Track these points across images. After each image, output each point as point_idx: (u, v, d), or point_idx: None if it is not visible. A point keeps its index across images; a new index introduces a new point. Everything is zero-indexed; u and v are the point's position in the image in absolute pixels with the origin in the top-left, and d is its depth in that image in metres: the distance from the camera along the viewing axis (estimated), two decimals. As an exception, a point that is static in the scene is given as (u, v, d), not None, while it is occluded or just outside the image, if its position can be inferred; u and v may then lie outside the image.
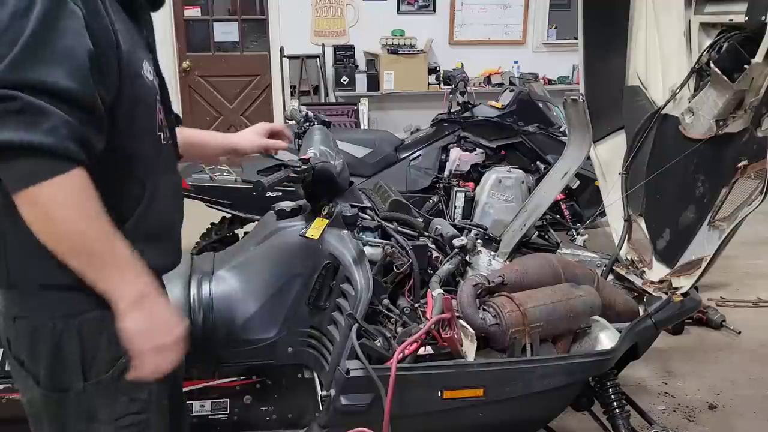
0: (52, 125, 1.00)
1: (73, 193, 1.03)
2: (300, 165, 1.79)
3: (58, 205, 1.02)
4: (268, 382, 1.91)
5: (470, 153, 4.10)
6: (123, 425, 1.25)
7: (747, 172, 1.87)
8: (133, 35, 1.21)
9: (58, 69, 1.01)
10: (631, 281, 2.25)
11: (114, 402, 1.24)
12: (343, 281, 1.78)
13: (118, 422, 1.25)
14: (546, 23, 7.22)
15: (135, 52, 1.18)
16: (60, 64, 1.02)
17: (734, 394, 2.96)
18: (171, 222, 1.36)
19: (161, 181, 1.29)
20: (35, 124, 0.99)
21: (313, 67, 6.64)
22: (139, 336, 1.14)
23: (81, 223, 1.05)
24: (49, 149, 1.00)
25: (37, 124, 0.99)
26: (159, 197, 1.27)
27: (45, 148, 1.00)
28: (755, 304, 3.89)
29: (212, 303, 1.80)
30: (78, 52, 1.04)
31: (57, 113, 1.01)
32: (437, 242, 2.04)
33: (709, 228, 1.98)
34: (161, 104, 1.30)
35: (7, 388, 1.72)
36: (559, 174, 2.73)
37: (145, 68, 1.21)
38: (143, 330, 1.13)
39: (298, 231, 1.84)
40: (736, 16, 1.85)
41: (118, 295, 1.11)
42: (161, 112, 1.29)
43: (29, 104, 0.99)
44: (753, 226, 1.98)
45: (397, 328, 1.72)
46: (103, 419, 1.24)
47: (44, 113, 1.00)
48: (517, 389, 1.68)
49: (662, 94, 2.16)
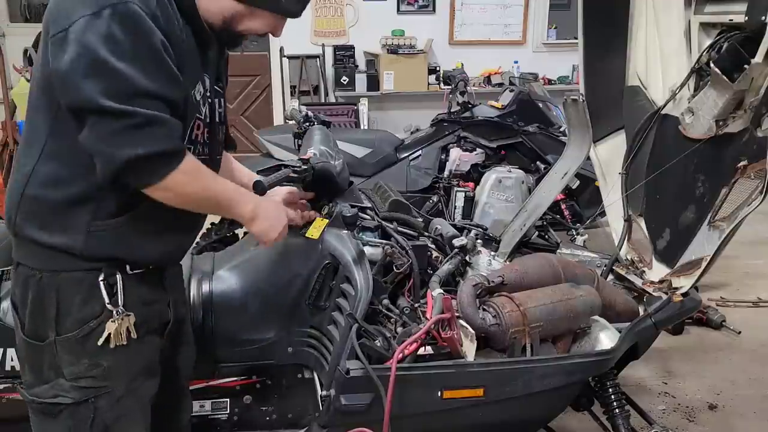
0: (168, 131, 1.23)
1: (192, 172, 1.30)
2: (300, 165, 1.79)
3: (184, 185, 1.29)
4: (268, 382, 1.91)
5: (470, 153, 4.10)
6: (81, 386, 1.36)
7: (747, 172, 1.87)
8: (193, 59, 1.35)
9: (163, 79, 1.22)
10: (631, 281, 2.25)
11: (77, 361, 1.35)
12: (343, 281, 1.78)
13: (78, 382, 1.35)
14: (546, 23, 7.22)
15: (189, 74, 1.32)
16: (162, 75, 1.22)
17: (734, 394, 2.95)
18: (175, 224, 1.42)
19: None
20: (156, 135, 1.21)
21: (313, 67, 6.64)
22: (263, 233, 1.50)
23: (205, 191, 1.35)
24: (169, 151, 1.24)
25: (157, 135, 1.21)
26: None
27: (167, 151, 1.23)
28: (755, 304, 3.89)
29: (212, 303, 1.80)
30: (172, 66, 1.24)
31: (170, 120, 1.23)
32: (437, 242, 2.04)
33: (709, 228, 1.98)
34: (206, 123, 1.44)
35: (7, 388, 1.72)
36: (559, 174, 2.73)
37: (197, 89, 1.37)
38: (264, 228, 1.50)
39: (297, 231, 1.84)
40: (736, 16, 1.85)
41: (243, 215, 1.46)
42: (202, 129, 1.43)
43: (147, 117, 1.19)
44: (753, 226, 1.98)
45: (397, 328, 1.72)
46: (66, 375, 1.35)
47: (161, 122, 1.22)
48: (517, 389, 1.68)
49: (662, 94, 2.16)
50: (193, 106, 1.36)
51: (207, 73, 1.41)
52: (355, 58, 6.78)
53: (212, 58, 1.43)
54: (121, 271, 1.36)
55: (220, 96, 1.50)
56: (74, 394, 1.35)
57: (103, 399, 1.37)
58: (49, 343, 1.33)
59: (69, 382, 1.35)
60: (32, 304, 1.33)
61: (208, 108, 1.43)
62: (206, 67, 1.41)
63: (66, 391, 1.35)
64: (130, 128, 1.18)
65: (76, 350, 1.33)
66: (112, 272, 1.34)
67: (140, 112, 1.17)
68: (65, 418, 1.36)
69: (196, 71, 1.36)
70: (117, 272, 1.35)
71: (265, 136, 4.16)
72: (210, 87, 1.43)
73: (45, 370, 1.35)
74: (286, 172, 1.77)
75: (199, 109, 1.38)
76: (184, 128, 1.34)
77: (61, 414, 1.36)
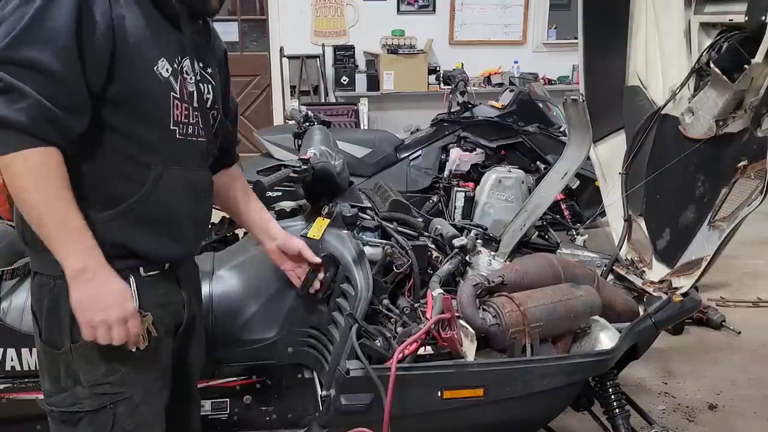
0: (26, 105, 1.13)
1: (34, 166, 1.16)
2: (300, 165, 1.80)
3: (18, 174, 1.16)
4: (268, 382, 1.91)
5: (470, 153, 4.10)
6: (99, 393, 1.34)
7: (747, 172, 1.87)
8: (159, 35, 1.30)
9: (46, 49, 1.14)
10: (631, 281, 2.25)
11: (93, 368, 1.33)
12: (343, 281, 1.78)
13: (95, 389, 1.33)
14: (546, 23, 7.23)
15: (148, 48, 1.27)
16: (48, 44, 1.14)
17: (734, 394, 2.95)
18: (173, 213, 1.38)
19: (169, 171, 1.35)
20: (11, 102, 1.12)
21: (313, 67, 6.65)
22: (80, 306, 1.24)
23: (36, 194, 1.17)
24: (18, 126, 1.13)
25: (13, 102, 1.12)
26: (164, 186, 1.33)
27: (14, 124, 1.13)
28: (755, 304, 3.89)
29: (212, 303, 1.80)
30: (67, 33, 1.16)
31: (33, 95, 1.13)
32: (437, 242, 2.04)
33: (709, 228, 1.98)
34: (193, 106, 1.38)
35: (7, 388, 1.73)
36: (559, 174, 2.73)
37: (161, 65, 1.30)
38: (84, 301, 1.24)
39: (298, 231, 1.83)
40: (736, 16, 1.84)
41: (64, 264, 1.22)
42: (181, 108, 1.35)
43: (10, 84, 1.12)
44: (753, 226, 1.98)
45: (397, 328, 1.72)
46: (83, 382, 1.33)
47: (22, 94, 1.13)
48: (517, 389, 1.68)
49: (662, 94, 2.16)
50: (161, 84, 1.30)
51: (188, 54, 1.37)
52: (355, 58, 6.79)
53: (188, 38, 1.37)
54: (134, 274, 1.34)
55: (207, 82, 1.44)
56: (92, 402, 1.33)
57: (121, 405, 1.35)
58: (65, 351, 1.32)
59: (86, 390, 1.33)
60: (47, 311, 1.32)
61: (196, 91, 1.39)
62: (185, 48, 1.36)
63: (84, 399, 1.33)
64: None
65: (92, 356, 1.31)
66: (124, 276, 1.31)
67: (4, 78, 1.12)
68: (85, 426, 1.34)
69: (157, 48, 1.30)
70: (130, 275, 1.33)
71: (265, 136, 4.16)
72: (197, 70, 1.39)
73: (62, 378, 1.34)
74: (286, 172, 1.77)
75: (171, 86, 1.32)
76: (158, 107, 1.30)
77: (81, 422, 1.34)
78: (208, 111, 1.45)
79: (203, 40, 1.47)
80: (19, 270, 1.79)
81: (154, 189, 1.31)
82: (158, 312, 1.37)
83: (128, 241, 1.31)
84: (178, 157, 1.37)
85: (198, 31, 1.44)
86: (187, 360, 1.57)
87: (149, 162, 1.31)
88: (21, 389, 1.73)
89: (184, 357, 1.55)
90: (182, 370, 1.54)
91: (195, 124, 1.40)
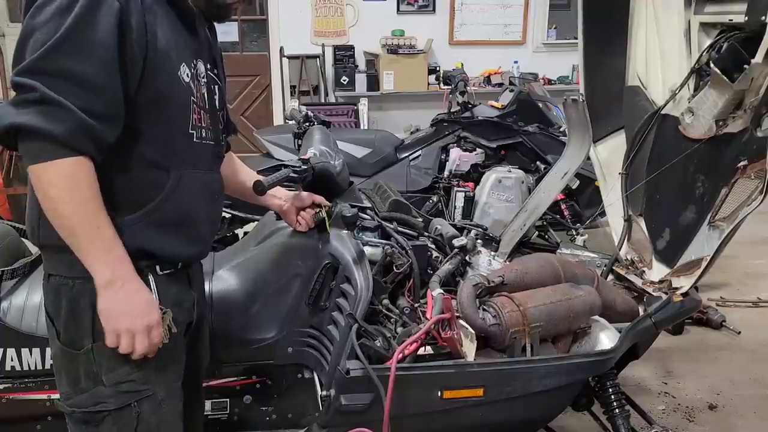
0: (62, 117, 1.14)
1: (66, 176, 1.17)
2: (300, 165, 1.80)
3: (51, 184, 1.17)
4: (268, 382, 1.91)
5: (470, 153, 4.10)
6: (122, 391, 1.33)
7: (747, 172, 1.87)
8: (180, 40, 1.32)
9: (86, 60, 1.15)
10: (631, 281, 2.25)
11: (116, 366, 1.32)
12: (343, 281, 1.78)
13: (119, 387, 1.33)
14: (546, 23, 7.22)
15: (173, 53, 1.29)
16: (89, 56, 1.16)
17: (734, 394, 2.96)
18: (191, 215, 1.40)
19: (188, 175, 1.37)
20: (47, 114, 1.13)
21: (313, 67, 6.64)
22: (108, 314, 1.25)
23: (68, 205, 1.18)
24: (54, 137, 1.14)
25: (48, 114, 1.13)
26: (183, 189, 1.35)
27: (49, 135, 1.14)
28: (755, 304, 3.89)
29: (212, 303, 1.80)
30: (108, 45, 1.17)
31: (70, 107, 1.14)
32: (437, 242, 2.04)
33: (709, 228, 1.98)
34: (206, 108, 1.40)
35: (7, 388, 1.73)
36: (559, 174, 2.73)
37: (182, 71, 1.32)
38: (112, 310, 1.25)
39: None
40: (736, 16, 1.85)
41: (95, 274, 1.23)
42: (198, 113, 1.37)
43: (44, 95, 1.13)
44: (753, 226, 1.98)
45: (397, 328, 1.72)
46: (105, 381, 1.32)
47: (59, 105, 1.14)
48: (517, 389, 1.68)
49: (662, 94, 2.16)
50: (184, 90, 1.32)
51: (201, 57, 1.39)
52: (355, 58, 6.79)
53: (204, 40, 1.41)
54: (152, 272, 1.35)
55: (214, 83, 1.46)
56: (116, 400, 1.33)
57: (145, 403, 1.35)
58: (86, 351, 1.31)
59: (109, 389, 1.32)
60: (66, 312, 1.31)
61: (206, 93, 1.41)
62: (199, 51, 1.38)
63: (107, 398, 1.33)
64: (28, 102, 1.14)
65: (115, 354, 1.30)
66: (143, 274, 1.32)
67: (40, 89, 1.13)
68: (109, 426, 1.34)
69: (180, 54, 1.32)
70: (149, 273, 1.34)
71: (265, 136, 4.16)
72: (205, 72, 1.41)
73: (83, 379, 1.33)
74: (286, 172, 1.77)
75: (191, 91, 1.35)
76: (180, 113, 1.32)
77: (104, 421, 1.34)
78: (217, 112, 1.47)
79: (212, 41, 1.49)
80: (19, 270, 1.79)
81: (173, 193, 1.33)
82: (174, 310, 1.38)
83: (148, 243, 1.32)
84: (194, 161, 1.39)
85: (209, 30, 1.46)
86: (194, 359, 1.57)
87: (170, 166, 1.33)
88: (21, 389, 1.73)
89: (193, 356, 1.56)
90: (190, 369, 1.54)
91: (207, 128, 1.42)
